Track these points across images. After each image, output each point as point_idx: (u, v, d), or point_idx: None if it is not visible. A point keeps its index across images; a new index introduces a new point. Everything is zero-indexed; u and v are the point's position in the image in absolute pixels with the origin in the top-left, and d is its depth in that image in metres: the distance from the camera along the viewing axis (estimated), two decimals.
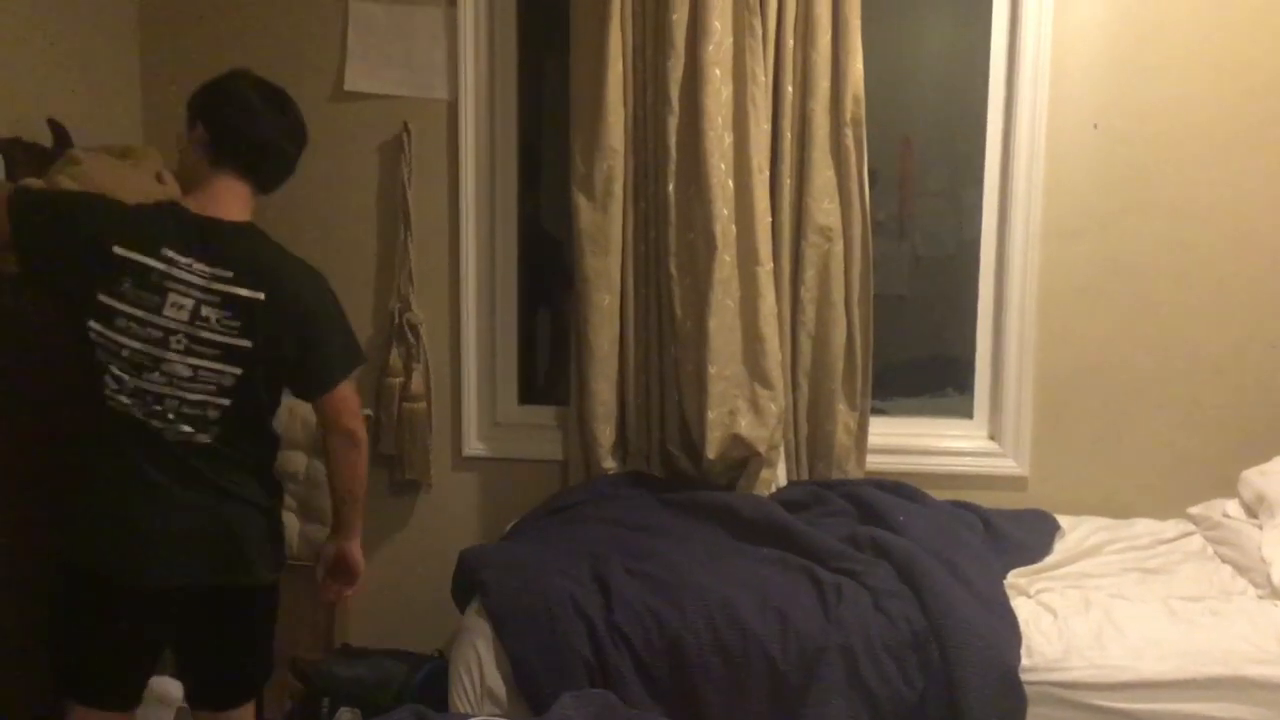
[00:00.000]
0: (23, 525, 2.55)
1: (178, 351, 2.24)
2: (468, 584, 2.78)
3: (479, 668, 2.59)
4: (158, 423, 2.25)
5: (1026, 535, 3.13)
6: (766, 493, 3.28)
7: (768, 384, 3.24)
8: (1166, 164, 3.32)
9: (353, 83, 3.47)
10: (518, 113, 3.56)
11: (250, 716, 2.57)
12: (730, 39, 3.15)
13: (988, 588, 2.71)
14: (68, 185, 2.65)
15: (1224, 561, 3.02)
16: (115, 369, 2.22)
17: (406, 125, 3.45)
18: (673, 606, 2.58)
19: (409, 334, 3.50)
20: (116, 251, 2.20)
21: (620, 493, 3.27)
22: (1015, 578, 2.89)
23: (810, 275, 3.30)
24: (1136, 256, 3.35)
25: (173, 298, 2.23)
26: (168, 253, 2.23)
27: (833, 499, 3.19)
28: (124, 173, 2.83)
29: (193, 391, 2.26)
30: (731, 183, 3.19)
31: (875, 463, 3.43)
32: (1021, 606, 2.69)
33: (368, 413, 3.53)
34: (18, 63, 3.00)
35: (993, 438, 3.51)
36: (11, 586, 2.55)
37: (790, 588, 2.66)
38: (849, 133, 3.22)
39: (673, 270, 3.26)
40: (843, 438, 3.36)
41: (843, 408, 3.35)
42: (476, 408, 3.60)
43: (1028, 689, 2.47)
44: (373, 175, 3.52)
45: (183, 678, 2.53)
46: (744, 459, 3.28)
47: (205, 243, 2.27)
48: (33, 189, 2.49)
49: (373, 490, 3.55)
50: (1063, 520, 3.24)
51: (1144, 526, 3.24)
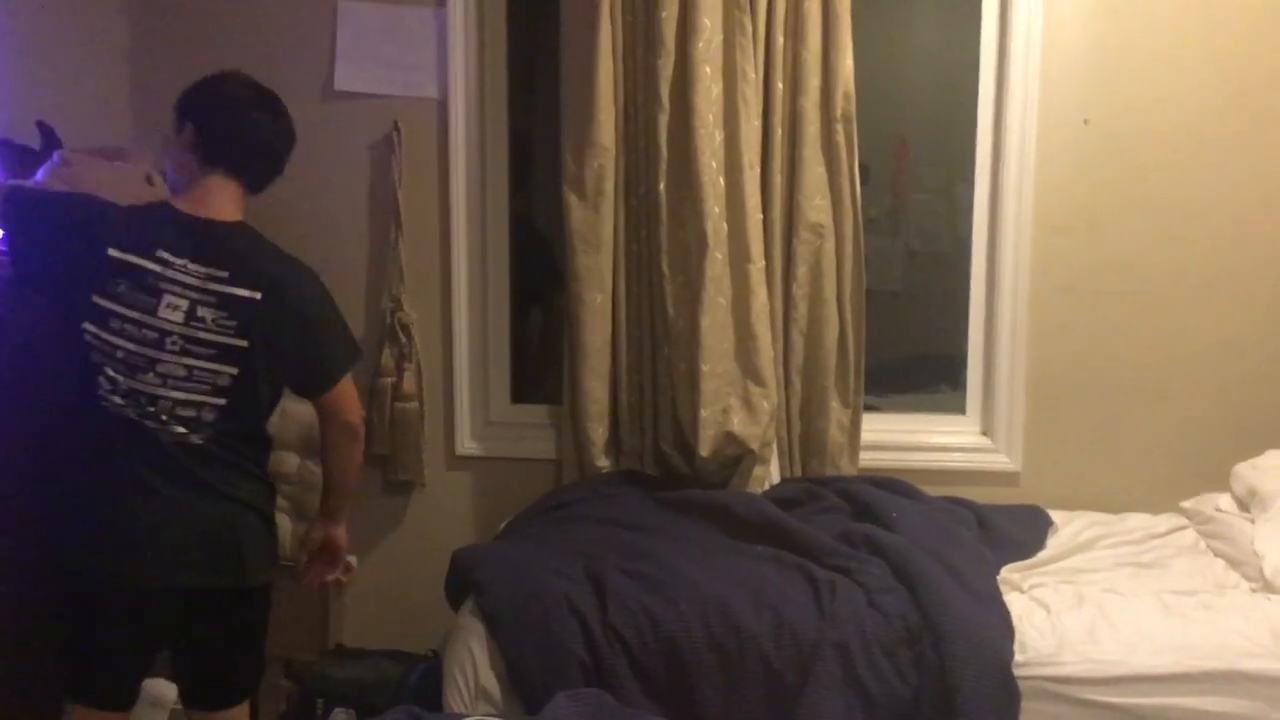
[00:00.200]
0: (19, 526, 2.54)
1: (173, 352, 2.24)
2: (462, 584, 2.78)
3: (473, 668, 2.58)
4: (152, 424, 2.25)
5: (1019, 531, 3.13)
6: (760, 490, 3.28)
7: (760, 381, 3.24)
8: (1157, 159, 3.32)
9: (343, 82, 3.45)
10: (508, 111, 3.56)
11: (245, 717, 2.58)
12: (720, 36, 3.15)
13: (981, 583, 2.71)
14: (59, 188, 2.65)
15: (1217, 555, 3.03)
16: (110, 370, 2.23)
17: (397, 124, 3.44)
18: (668, 605, 2.58)
19: (401, 334, 3.49)
20: (111, 254, 2.21)
21: (614, 491, 3.27)
22: (1008, 573, 2.89)
23: (802, 272, 3.30)
24: (1128, 252, 3.36)
25: (168, 299, 2.23)
26: (162, 254, 2.23)
27: (826, 496, 3.19)
28: (114, 174, 2.83)
29: (188, 392, 2.26)
30: (722, 180, 3.19)
31: (868, 459, 3.43)
32: (1015, 602, 2.69)
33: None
34: (6, 64, 2.99)
35: (985, 433, 3.52)
36: (8, 587, 2.54)
37: (784, 585, 2.66)
38: (840, 129, 3.22)
39: (664, 268, 3.26)
40: (836, 434, 3.36)
41: (835, 404, 3.35)
42: (469, 407, 3.59)
43: (1021, 684, 2.47)
44: (363, 175, 3.50)
45: (177, 678, 2.54)
46: (737, 457, 3.28)
47: (199, 243, 2.27)
48: (25, 191, 2.48)
49: (366, 490, 3.56)
50: (1055, 515, 3.24)
51: (1137, 521, 3.25)
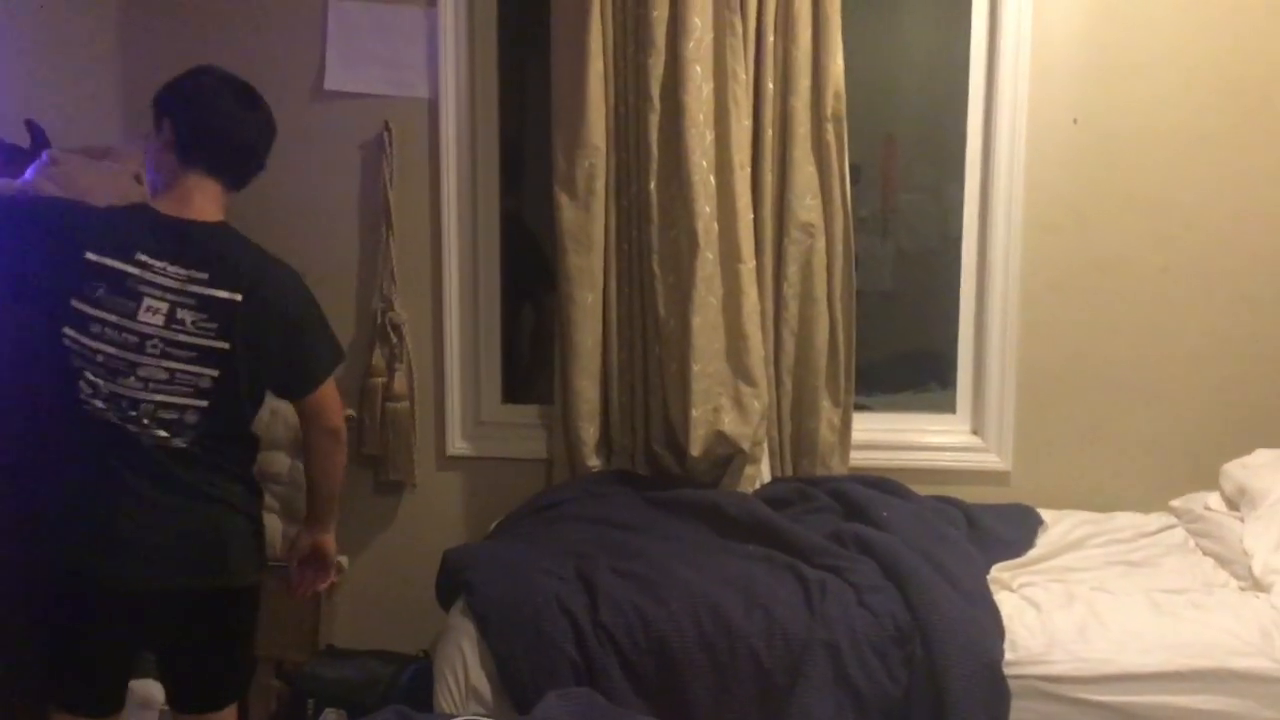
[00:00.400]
0: (2, 531, 2.53)
1: (153, 355, 2.22)
2: (452, 584, 2.78)
3: (464, 668, 2.58)
4: (134, 427, 2.23)
5: (1009, 530, 3.13)
6: (751, 490, 3.28)
7: (751, 381, 3.24)
8: (1147, 159, 3.32)
9: (333, 82, 3.45)
10: (499, 111, 3.55)
11: (233, 719, 2.55)
12: (710, 36, 3.15)
13: (971, 583, 2.71)
14: (48, 188, 2.64)
15: (1206, 554, 3.04)
16: (90, 374, 2.20)
17: (387, 124, 3.44)
18: (658, 604, 2.58)
19: (391, 334, 3.49)
20: (89, 258, 2.18)
21: (605, 491, 3.27)
22: (998, 572, 2.89)
23: (793, 272, 3.30)
24: (1117, 251, 3.36)
25: (148, 302, 2.21)
26: (141, 257, 2.21)
27: (817, 495, 3.19)
28: (103, 174, 2.82)
29: (170, 395, 2.24)
30: (713, 180, 3.19)
31: (859, 459, 3.43)
32: (1005, 601, 2.69)
33: (350, 413, 3.52)
34: None
35: (975, 433, 3.52)
36: None
37: (775, 584, 2.66)
38: (830, 129, 3.22)
39: (655, 268, 3.26)
40: (826, 434, 3.37)
41: (826, 404, 3.35)
42: (460, 407, 3.59)
43: (1011, 683, 2.47)
44: (354, 174, 3.50)
45: (164, 681, 2.52)
46: (728, 456, 3.28)
47: (179, 245, 2.24)
48: (1, 196, 2.47)
49: (356, 491, 3.56)
50: (1045, 514, 3.25)
51: (1126, 520, 3.25)
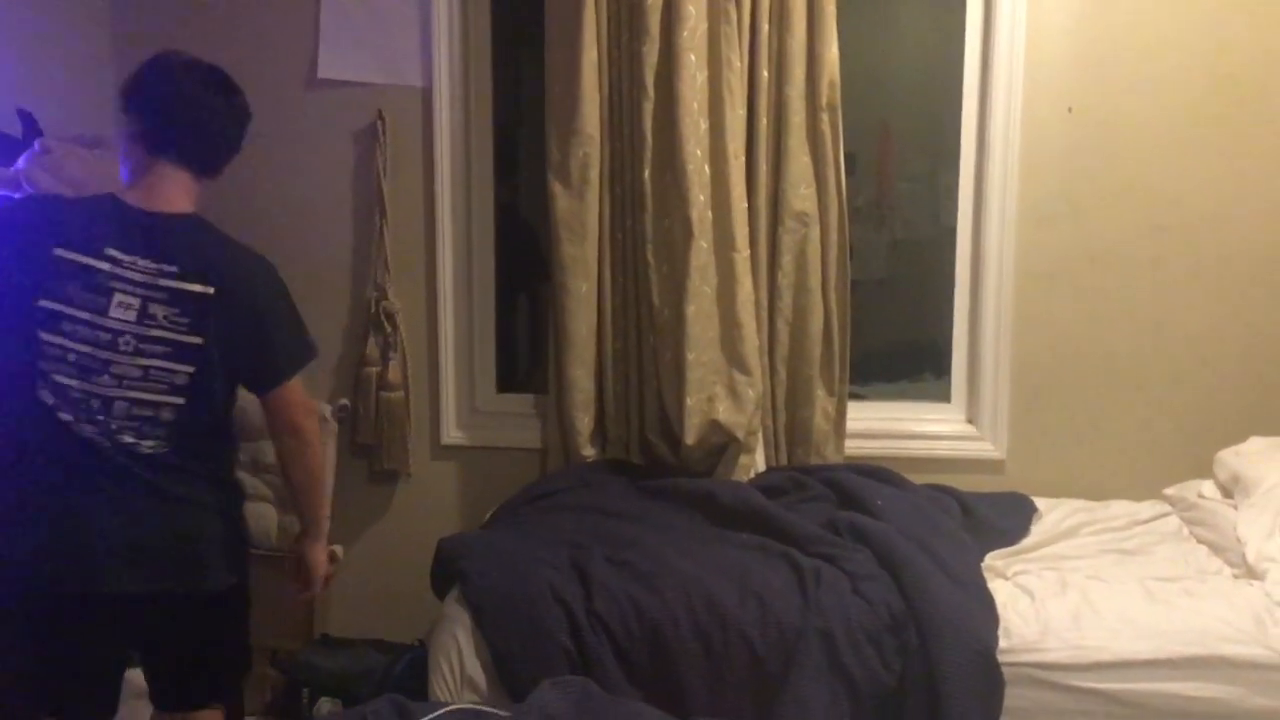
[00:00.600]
0: None
1: (127, 353, 2.18)
2: (447, 573, 2.77)
3: (459, 656, 2.58)
4: (102, 437, 2.18)
5: (1003, 518, 3.13)
6: (745, 479, 3.29)
7: (745, 370, 3.24)
8: (1141, 148, 3.32)
9: (326, 70, 3.43)
10: (493, 100, 3.55)
11: (219, 717, 2.52)
12: (705, 24, 3.15)
13: (965, 571, 2.72)
14: (40, 176, 2.63)
15: (1200, 542, 3.04)
16: (60, 377, 2.15)
17: (381, 113, 3.43)
18: (652, 593, 2.58)
19: (386, 323, 3.49)
20: (58, 254, 2.15)
21: (599, 480, 3.27)
22: (993, 560, 2.90)
23: (787, 261, 3.30)
24: (1112, 240, 3.36)
25: (119, 297, 2.17)
26: (111, 252, 2.17)
27: (811, 484, 3.19)
28: (95, 162, 2.81)
29: (144, 392, 2.20)
30: (708, 169, 3.19)
31: (853, 448, 3.44)
32: (999, 589, 2.69)
33: (345, 402, 3.52)
34: None
35: (970, 421, 3.52)
36: None
37: (769, 573, 2.66)
38: (825, 118, 3.22)
39: (650, 257, 3.25)
40: (821, 423, 3.37)
41: (821, 393, 3.35)
42: (455, 396, 3.59)
43: (1005, 670, 2.47)
44: (347, 163, 3.49)
45: (146, 680, 2.48)
46: (723, 445, 3.28)
47: (148, 239, 2.21)
48: None
49: (351, 480, 3.57)
50: (1039, 503, 3.25)
51: (1120, 508, 3.26)
